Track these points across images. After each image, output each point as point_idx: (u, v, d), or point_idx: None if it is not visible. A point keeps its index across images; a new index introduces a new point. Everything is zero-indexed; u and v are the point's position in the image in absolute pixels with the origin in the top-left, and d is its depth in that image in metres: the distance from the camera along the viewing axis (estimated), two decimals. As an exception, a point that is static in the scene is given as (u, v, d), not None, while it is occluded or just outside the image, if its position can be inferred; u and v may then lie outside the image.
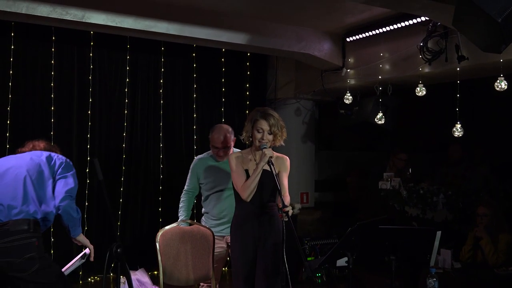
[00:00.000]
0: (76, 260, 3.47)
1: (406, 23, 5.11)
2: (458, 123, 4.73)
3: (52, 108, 5.47)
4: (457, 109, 4.73)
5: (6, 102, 5.25)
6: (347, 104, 5.99)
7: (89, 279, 5.68)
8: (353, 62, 5.93)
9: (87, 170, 5.63)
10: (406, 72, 5.26)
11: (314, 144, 7.12)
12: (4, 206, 3.17)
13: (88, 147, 5.67)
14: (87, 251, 3.51)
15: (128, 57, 5.90)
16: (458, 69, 4.72)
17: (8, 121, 5.25)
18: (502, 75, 4.36)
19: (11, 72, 5.28)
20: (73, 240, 3.43)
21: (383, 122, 5.65)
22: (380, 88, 5.68)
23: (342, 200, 7.35)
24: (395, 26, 5.24)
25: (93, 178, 5.63)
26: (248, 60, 6.60)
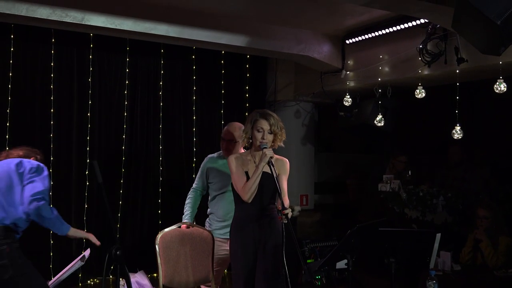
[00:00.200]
0: (75, 262, 3.47)
1: (406, 25, 5.11)
2: (458, 125, 4.73)
3: (51, 110, 5.47)
4: (456, 111, 4.73)
5: (6, 104, 5.25)
6: (346, 106, 5.99)
7: (88, 281, 5.67)
8: (352, 64, 5.93)
9: (87, 173, 5.63)
10: (406, 74, 5.26)
11: (314, 146, 7.11)
12: None
13: (88, 149, 5.66)
14: (87, 253, 3.50)
15: (127, 59, 5.90)
16: (458, 71, 4.72)
17: (7, 123, 5.25)
18: (501, 77, 4.37)
19: (10, 74, 5.28)
20: (68, 237, 3.42)
21: (382, 124, 5.65)
22: (380, 90, 5.68)
23: (342, 202, 7.35)
24: (394, 28, 5.24)
25: (92, 181, 5.63)
26: (247, 62, 6.60)
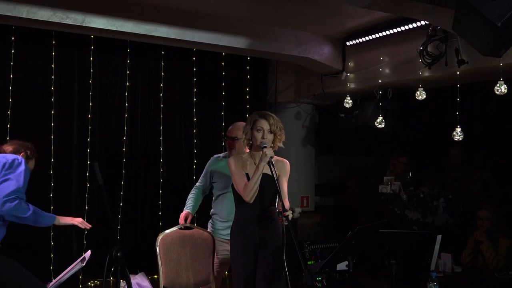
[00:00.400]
0: (76, 264, 3.47)
1: (406, 27, 5.11)
2: (458, 126, 4.73)
3: (52, 112, 5.47)
4: (457, 112, 4.73)
5: (7, 106, 5.25)
6: (347, 108, 5.99)
7: (89, 283, 5.67)
8: (353, 66, 5.94)
9: (87, 174, 5.63)
10: (406, 76, 5.27)
11: (314, 148, 7.11)
12: None
13: (88, 151, 5.66)
14: (87, 255, 3.51)
15: (128, 61, 5.90)
16: (458, 73, 4.72)
17: (8, 124, 5.25)
18: (502, 79, 4.38)
19: (11, 76, 5.28)
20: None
21: (383, 126, 5.66)
22: (380, 92, 5.68)
23: (343, 204, 7.34)
24: (395, 30, 5.25)
25: (93, 182, 5.63)
26: (248, 64, 6.60)
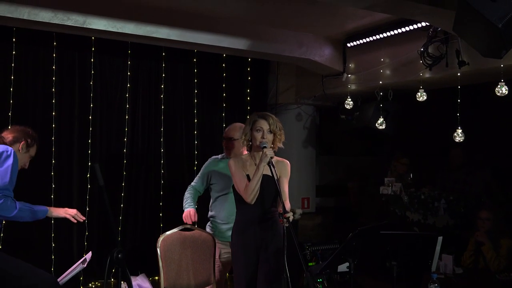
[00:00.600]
0: (77, 265, 3.47)
1: (407, 29, 5.11)
2: (459, 128, 4.73)
3: (53, 113, 5.47)
4: (458, 114, 4.73)
5: (8, 107, 5.26)
6: (348, 109, 5.99)
7: (90, 284, 5.66)
8: (353, 68, 5.94)
9: (88, 176, 5.63)
10: (407, 77, 5.27)
11: (315, 149, 7.11)
12: None
13: (89, 152, 5.66)
14: (88, 256, 3.51)
15: (129, 62, 5.90)
16: (459, 74, 4.72)
17: (9, 126, 5.24)
18: (502, 80, 4.37)
19: (12, 77, 5.28)
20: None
21: (384, 127, 5.66)
22: (381, 93, 5.69)
23: (343, 205, 7.34)
24: (395, 32, 5.25)
25: (94, 184, 5.62)
26: (249, 66, 6.60)
